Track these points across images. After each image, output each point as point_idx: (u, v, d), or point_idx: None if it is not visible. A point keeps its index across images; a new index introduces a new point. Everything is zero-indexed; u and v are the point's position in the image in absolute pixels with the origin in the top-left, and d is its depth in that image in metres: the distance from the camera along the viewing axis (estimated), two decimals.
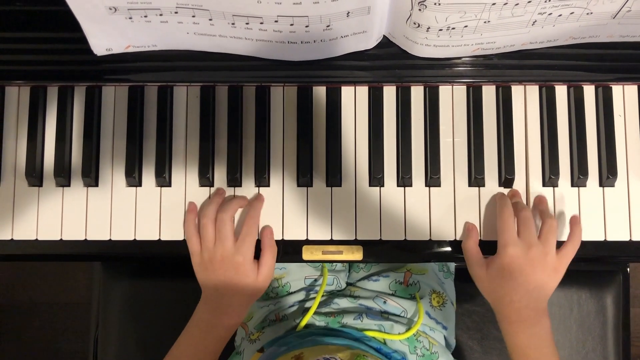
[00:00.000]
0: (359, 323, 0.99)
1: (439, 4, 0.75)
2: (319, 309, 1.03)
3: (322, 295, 1.05)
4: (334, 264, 1.10)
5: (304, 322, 0.99)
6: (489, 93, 0.93)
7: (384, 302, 1.03)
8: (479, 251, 0.88)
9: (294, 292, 1.07)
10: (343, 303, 1.04)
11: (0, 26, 0.90)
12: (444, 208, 0.92)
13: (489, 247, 0.89)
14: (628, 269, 1.23)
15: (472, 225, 0.91)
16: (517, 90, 0.94)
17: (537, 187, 0.92)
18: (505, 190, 0.92)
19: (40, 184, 0.93)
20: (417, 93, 0.94)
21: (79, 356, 1.92)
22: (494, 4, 0.76)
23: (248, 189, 0.92)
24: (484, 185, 0.92)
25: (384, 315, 1.02)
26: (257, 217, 0.91)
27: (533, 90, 0.94)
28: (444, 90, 0.93)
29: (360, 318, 1.00)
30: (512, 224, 0.86)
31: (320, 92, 0.93)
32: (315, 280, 1.08)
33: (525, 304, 0.84)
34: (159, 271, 1.22)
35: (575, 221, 0.90)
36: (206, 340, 0.90)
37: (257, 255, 0.90)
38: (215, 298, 0.90)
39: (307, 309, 1.01)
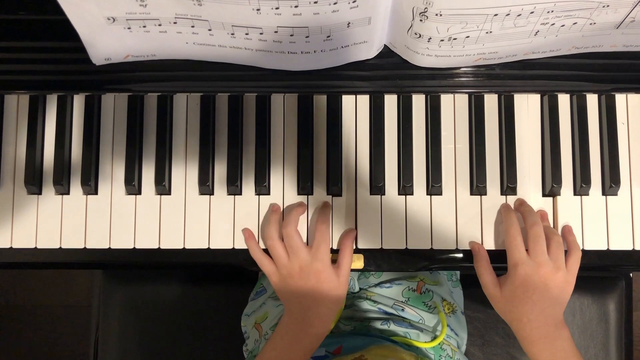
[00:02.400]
0: (386, 329, 1.00)
1: (441, 15, 0.75)
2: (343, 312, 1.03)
3: None
4: None
5: (331, 326, 0.99)
6: (491, 101, 0.93)
7: (402, 310, 1.03)
8: (491, 272, 0.88)
9: None
10: (364, 306, 1.04)
11: None
12: (445, 216, 0.91)
13: (496, 256, 0.89)
14: (631, 275, 1.22)
15: (478, 246, 0.90)
16: (519, 98, 0.93)
17: (539, 195, 0.92)
18: (509, 198, 0.91)
19: (39, 192, 0.92)
20: (418, 101, 0.93)
21: (79, 359, 1.92)
22: (496, 14, 0.75)
23: (248, 197, 0.92)
24: (485, 194, 0.92)
25: (406, 320, 1.02)
26: (329, 223, 0.90)
27: (535, 98, 0.93)
28: (446, 98, 0.93)
29: (387, 324, 1.00)
30: (521, 241, 0.85)
31: (321, 100, 0.93)
32: None
33: (543, 321, 0.84)
34: (159, 276, 1.22)
35: (569, 231, 0.90)
36: (292, 353, 0.88)
37: None
38: (300, 311, 0.88)
39: None
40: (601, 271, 1.20)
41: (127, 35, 0.81)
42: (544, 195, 0.92)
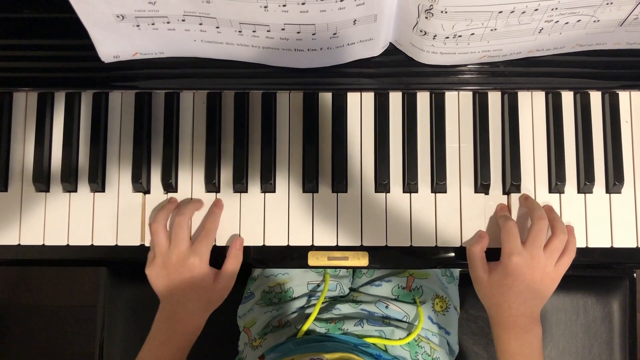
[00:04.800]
0: (359, 329, 1.00)
1: (446, 12, 0.75)
2: (320, 315, 1.03)
3: (324, 302, 1.05)
4: (338, 269, 1.10)
5: (304, 329, 0.99)
6: (495, 99, 0.93)
7: (386, 307, 1.03)
8: (483, 257, 0.89)
9: (297, 297, 1.07)
10: (344, 309, 1.04)
11: (7, 33, 0.91)
12: (449, 214, 0.92)
13: (491, 254, 0.89)
14: (635, 275, 1.22)
15: (484, 233, 0.91)
16: (523, 97, 0.93)
17: (543, 193, 0.92)
18: (513, 196, 0.92)
19: (47, 190, 0.93)
20: (423, 99, 0.93)
21: (85, 358, 1.92)
22: (500, 12, 0.75)
23: (254, 194, 0.93)
24: (490, 192, 0.92)
25: (385, 320, 1.02)
26: (216, 222, 0.91)
27: (539, 97, 0.94)
28: (450, 96, 0.93)
29: (360, 324, 1.00)
30: (517, 233, 0.86)
31: (326, 98, 0.93)
32: (318, 285, 1.08)
33: (523, 311, 0.85)
34: None
35: (569, 231, 0.90)
36: (164, 352, 0.89)
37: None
38: (170, 305, 0.89)
39: (309, 315, 1.01)
40: (605, 269, 1.20)
41: (136, 33, 0.82)
42: (550, 192, 0.93)
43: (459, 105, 0.93)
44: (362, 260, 0.92)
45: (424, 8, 0.76)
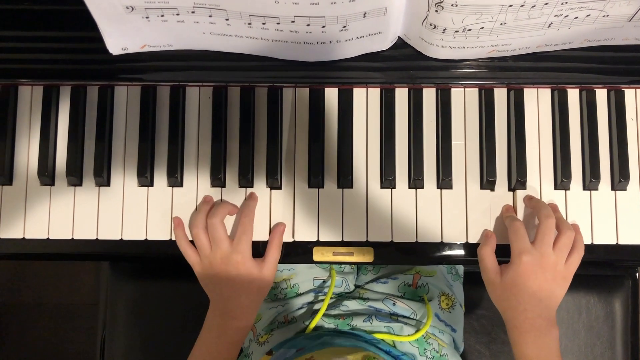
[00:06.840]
0: (368, 325, 0.99)
1: (456, 5, 0.75)
2: (328, 311, 1.03)
3: (331, 297, 1.05)
4: (343, 265, 1.10)
5: (313, 324, 0.99)
6: (500, 96, 0.94)
7: (393, 304, 1.03)
8: (494, 259, 0.88)
9: (303, 293, 1.07)
10: (352, 305, 1.04)
11: (13, 25, 0.90)
12: (455, 210, 0.92)
13: (499, 251, 0.89)
14: (637, 274, 1.23)
15: (490, 233, 0.90)
16: (529, 93, 0.94)
17: (548, 190, 0.92)
18: (519, 192, 0.92)
19: (52, 183, 0.93)
20: (429, 95, 0.94)
21: (86, 357, 1.91)
22: (510, 5, 0.76)
23: (259, 189, 0.92)
24: (495, 188, 0.92)
25: (393, 317, 1.02)
26: (252, 216, 0.91)
27: (545, 93, 0.94)
28: (456, 93, 0.94)
29: (369, 320, 1.00)
30: (525, 233, 0.86)
31: (332, 93, 0.93)
32: (324, 281, 1.08)
33: (538, 313, 0.84)
34: (166, 272, 1.22)
35: (575, 229, 0.89)
36: (219, 345, 0.89)
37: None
38: (222, 302, 0.89)
39: (316, 311, 1.01)
40: (610, 266, 1.21)
41: (145, 24, 0.81)
42: (555, 188, 0.93)
43: (464, 101, 0.94)
44: (367, 256, 0.91)
45: (434, 1, 0.76)
